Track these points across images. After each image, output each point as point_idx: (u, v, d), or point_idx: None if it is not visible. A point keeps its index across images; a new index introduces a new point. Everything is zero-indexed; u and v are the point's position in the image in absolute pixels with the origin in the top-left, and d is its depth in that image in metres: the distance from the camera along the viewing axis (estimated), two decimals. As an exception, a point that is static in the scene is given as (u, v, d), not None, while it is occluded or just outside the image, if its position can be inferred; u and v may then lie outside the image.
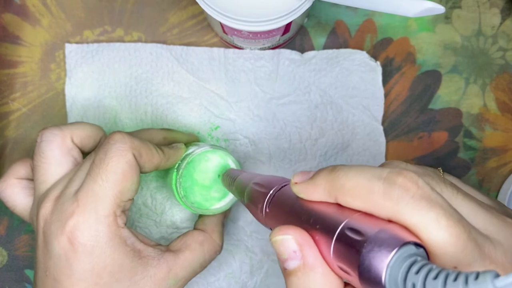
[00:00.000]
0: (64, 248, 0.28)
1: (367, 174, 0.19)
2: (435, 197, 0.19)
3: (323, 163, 0.41)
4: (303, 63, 0.41)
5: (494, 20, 0.42)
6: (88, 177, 0.29)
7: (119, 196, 0.29)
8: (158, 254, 0.31)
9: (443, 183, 0.24)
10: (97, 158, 0.29)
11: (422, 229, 0.18)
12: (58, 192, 0.30)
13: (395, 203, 0.18)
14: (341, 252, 0.19)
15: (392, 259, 0.16)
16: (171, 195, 0.40)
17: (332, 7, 0.42)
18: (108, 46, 0.41)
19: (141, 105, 0.41)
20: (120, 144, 0.29)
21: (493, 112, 0.42)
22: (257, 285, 0.41)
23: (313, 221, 0.21)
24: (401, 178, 0.19)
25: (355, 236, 0.18)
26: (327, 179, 0.21)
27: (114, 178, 0.29)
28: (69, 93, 0.41)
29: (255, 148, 0.41)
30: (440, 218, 0.18)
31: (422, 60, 0.42)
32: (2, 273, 0.41)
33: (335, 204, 0.21)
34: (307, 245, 0.20)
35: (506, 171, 0.42)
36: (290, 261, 0.21)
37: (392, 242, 0.17)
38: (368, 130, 0.41)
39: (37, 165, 0.32)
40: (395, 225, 0.18)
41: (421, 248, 0.18)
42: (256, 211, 0.26)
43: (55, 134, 0.32)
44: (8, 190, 0.33)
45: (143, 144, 0.31)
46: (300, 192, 0.22)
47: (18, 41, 0.42)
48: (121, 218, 0.30)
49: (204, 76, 0.41)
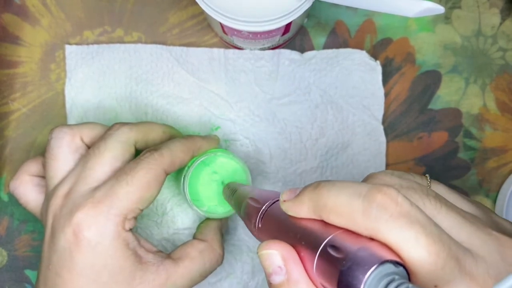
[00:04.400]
0: (68, 241, 0.29)
1: (348, 191, 0.20)
2: (414, 214, 0.19)
3: (323, 163, 0.41)
4: (303, 63, 0.41)
5: (494, 20, 0.42)
6: (113, 179, 0.30)
7: (137, 202, 0.30)
8: (158, 261, 0.31)
9: (426, 196, 0.23)
10: (127, 167, 0.30)
11: (402, 248, 0.18)
12: (67, 188, 0.31)
13: (374, 222, 0.18)
14: (323, 269, 0.19)
15: (369, 277, 0.17)
16: (172, 196, 0.40)
17: (332, 7, 0.42)
18: (108, 47, 0.41)
19: (141, 106, 0.41)
20: (152, 159, 0.31)
21: (493, 112, 0.42)
22: (259, 285, 0.41)
23: (299, 237, 0.21)
24: (380, 195, 0.19)
25: (335, 254, 0.18)
26: (310, 197, 0.21)
27: (138, 185, 0.30)
28: (69, 94, 0.41)
29: (255, 148, 0.41)
30: (419, 236, 0.18)
31: (422, 60, 0.42)
32: (2, 273, 0.41)
33: (321, 221, 0.21)
34: (292, 260, 0.21)
35: (506, 171, 0.42)
36: (274, 275, 0.21)
37: (370, 260, 0.17)
38: (369, 130, 0.41)
39: (47, 162, 0.33)
40: (376, 243, 0.18)
41: (401, 266, 0.18)
42: (250, 225, 0.26)
43: (64, 132, 0.32)
44: (21, 187, 0.34)
45: (177, 154, 0.32)
46: (288, 209, 0.22)
47: (18, 41, 0.42)
48: (130, 222, 0.30)
49: (204, 76, 0.41)
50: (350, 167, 0.41)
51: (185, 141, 0.34)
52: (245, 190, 0.29)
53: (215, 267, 0.34)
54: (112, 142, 0.31)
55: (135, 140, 0.33)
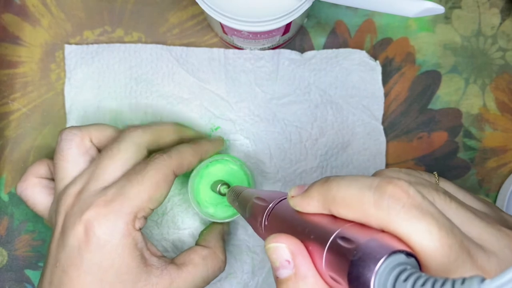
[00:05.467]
0: (78, 239, 0.29)
1: (358, 184, 0.19)
2: (426, 206, 0.18)
3: (323, 163, 0.41)
4: (303, 63, 0.41)
5: (493, 20, 0.42)
6: (123, 179, 0.31)
7: (147, 201, 0.30)
8: (162, 265, 0.32)
9: (436, 191, 0.23)
10: (138, 167, 0.31)
11: (414, 239, 0.18)
12: (79, 187, 0.31)
13: (386, 213, 0.18)
14: (332, 261, 0.19)
15: (380, 267, 0.17)
16: (172, 196, 0.41)
17: (332, 7, 0.42)
18: (108, 47, 0.41)
19: (142, 106, 0.41)
20: (161, 161, 0.32)
21: (493, 112, 0.42)
22: (259, 285, 0.41)
23: (308, 231, 0.21)
24: (392, 187, 0.19)
25: (346, 245, 0.18)
26: (319, 192, 0.21)
27: (148, 184, 0.30)
28: (68, 94, 0.41)
29: (255, 148, 0.41)
30: (432, 228, 0.18)
31: (421, 60, 0.42)
32: (2, 273, 0.41)
33: (329, 216, 0.21)
34: (300, 254, 0.20)
35: (506, 171, 0.42)
36: (282, 269, 0.21)
37: (381, 250, 0.17)
38: (368, 129, 0.41)
39: (56, 163, 0.33)
40: (387, 235, 0.18)
41: (412, 257, 0.18)
42: (256, 225, 0.26)
43: (74, 134, 0.33)
44: (29, 189, 0.35)
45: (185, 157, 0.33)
46: (296, 205, 0.22)
47: (18, 41, 0.42)
48: (140, 221, 0.31)
49: (204, 76, 0.41)
50: (350, 167, 0.41)
51: (193, 145, 0.35)
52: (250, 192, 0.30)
53: (218, 273, 0.35)
54: (125, 144, 0.32)
55: (148, 143, 0.33)
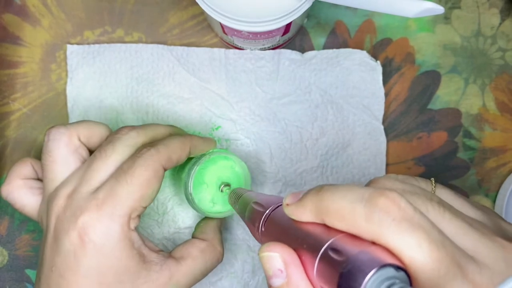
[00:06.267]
0: (74, 244, 0.29)
1: (351, 196, 0.19)
2: (417, 219, 0.18)
3: (324, 163, 0.41)
4: (303, 63, 0.41)
5: (493, 21, 0.43)
6: (112, 179, 0.30)
7: (139, 200, 0.30)
8: (161, 260, 0.31)
9: (430, 201, 0.23)
10: (125, 165, 0.30)
11: (404, 252, 0.18)
12: (70, 189, 0.30)
13: (377, 226, 0.18)
14: (323, 272, 0.19)
15: (369, 281, 0.17)
16: (173, 195, 0.41)
17: (331, 8, 0.42)
18: (109, 47, 0.41)
19: (143, 106, 0.41)
20: (148, 156, 0.30)
21: (492, 112, 0.43)
22: (259, 284, 0.41)
23: (301, 240, 0.21)
24: (383, 199, 0.19)
25: (336, 257, 0.18)
26: (313, 201, 0.21)
27: (138, 183, 0.29)
28: (71, 94, 0.41)
29: (256, 148, 0.41)
30: (422, 242, 0.18)
31: (421, 60, 0.43)
32: (3, 273, 0.41)
33: (323, 225, 0.21)
34: (293, 264, 0.21)
35: (506, 171, 0.43)
36: (275, 278, 0.21)
37: (371, 263, 0.17)
38: (369, 129, 0.41)
39: (45, 164, 0.32)
40: (378, 247, 0.18)
41: (402, 271, 0.18)
42: (253, 229, 0.27)
43: (61, 133, 0.32)
44: (15, 192, 0.33)
45: (174, 150, 0.32)
46: (290, 214, 0.22)
47: (19, 42, 0.42)
48: (134, 221, 0.30)
49: (205, 76, 0.41)
50: (351, 166, 0.41)
51: (181, 137, 0.34)
52: (249, 195, 0.30)
53: (216, 265, 0.35)
54: (120, 146, 0.31)
55: (142, 145, 0.32)
